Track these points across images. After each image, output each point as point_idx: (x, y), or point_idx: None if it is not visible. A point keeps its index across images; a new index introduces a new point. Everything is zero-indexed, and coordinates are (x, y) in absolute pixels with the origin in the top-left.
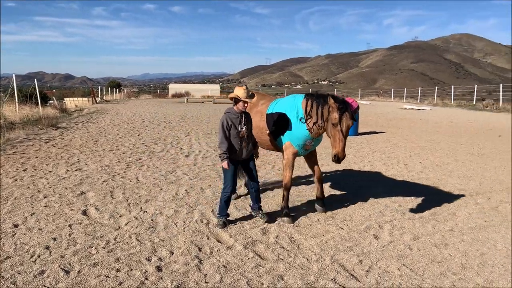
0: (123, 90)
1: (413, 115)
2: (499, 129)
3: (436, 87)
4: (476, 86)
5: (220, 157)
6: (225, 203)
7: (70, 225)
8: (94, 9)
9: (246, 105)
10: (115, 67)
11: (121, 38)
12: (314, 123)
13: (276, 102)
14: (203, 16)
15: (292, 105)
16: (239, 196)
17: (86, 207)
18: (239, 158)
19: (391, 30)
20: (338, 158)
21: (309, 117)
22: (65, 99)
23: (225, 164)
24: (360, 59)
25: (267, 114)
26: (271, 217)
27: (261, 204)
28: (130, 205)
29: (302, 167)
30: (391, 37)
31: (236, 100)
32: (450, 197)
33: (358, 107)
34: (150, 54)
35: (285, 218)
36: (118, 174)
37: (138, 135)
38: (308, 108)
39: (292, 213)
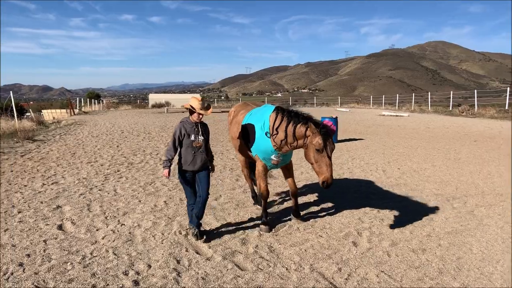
0: (102, 101)
1: (391, 122)
2: (475, 134)
3: (414, 94)
4: (452, 92)
5: (162, 164)
6: (190, 214)
7: (45, 241)
8: (72, 20)
9: (200, 116)
10: (94, 78)
11: (99, 49)
12: (282, 141)
13: (250, 113)
14: (182, 27)
15: (260, 117)
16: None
17: (62, 222)
18: (192, 169)
19: (368, 38)
20: (328, 185)
21: (275, 132)
22: (42, 111)
23: (165, 172)
24: (339, 67)
25: (242, 125)
26: (208, 237)
27: (201, 222)
28: (108, 218)
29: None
30: (369, 45)
31: (191, 111)
32: (427, 202)
33: (334, 131)
34: (129, 64)
35: (262, 227)
36: (96, 186)
37: (117, 146)
38: (276, 124)
39: (272, 222)
